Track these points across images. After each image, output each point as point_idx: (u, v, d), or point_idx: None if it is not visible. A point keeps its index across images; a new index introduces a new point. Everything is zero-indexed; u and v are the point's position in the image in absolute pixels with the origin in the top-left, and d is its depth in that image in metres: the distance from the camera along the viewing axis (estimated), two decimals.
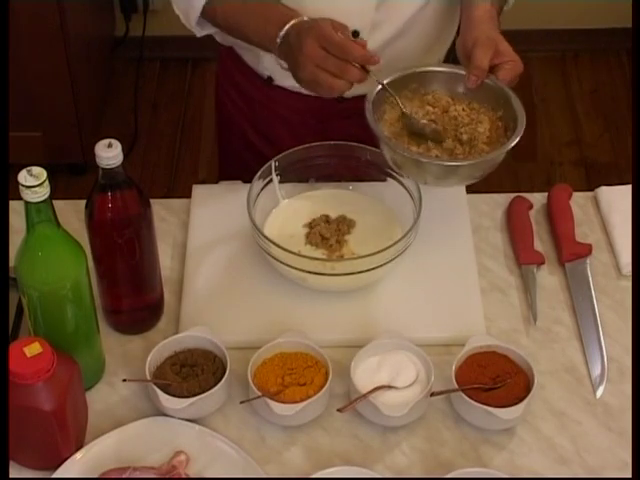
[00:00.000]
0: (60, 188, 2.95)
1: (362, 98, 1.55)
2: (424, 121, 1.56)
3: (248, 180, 1.64)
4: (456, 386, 1.44)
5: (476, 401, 1.42)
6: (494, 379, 1.45)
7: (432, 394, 1.44)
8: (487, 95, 1.58)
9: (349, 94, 1.63)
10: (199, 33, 1.72)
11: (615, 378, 1.52)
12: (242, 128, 1.92)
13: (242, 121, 1.91)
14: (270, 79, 1.81)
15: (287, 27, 1.55)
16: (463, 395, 1.43)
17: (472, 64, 1.55)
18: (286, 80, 1.74)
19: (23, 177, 1.28)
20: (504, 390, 1.44)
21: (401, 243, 1.54)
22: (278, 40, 1.55)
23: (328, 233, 1.62)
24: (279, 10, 1.59)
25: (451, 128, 1.56)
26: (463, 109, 1.58)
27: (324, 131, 1.79)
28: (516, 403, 1.42)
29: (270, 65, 1.78)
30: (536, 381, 1.44)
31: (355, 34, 1.68)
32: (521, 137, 1.52)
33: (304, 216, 1.66)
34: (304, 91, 1.61)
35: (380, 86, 1.55)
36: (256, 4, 1.62)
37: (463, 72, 1.57)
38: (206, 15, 1.67)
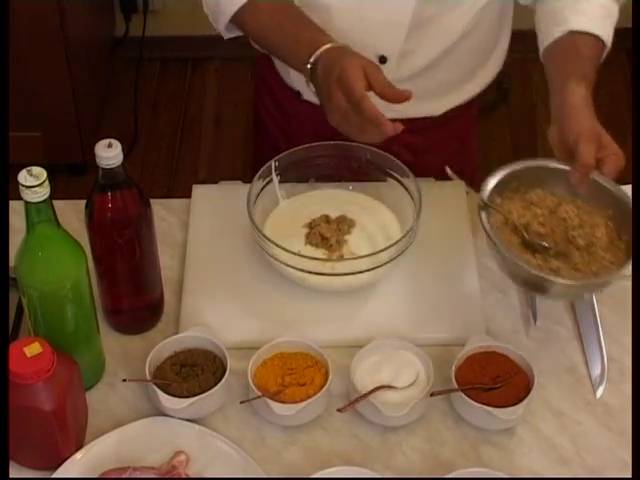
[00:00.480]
0: (60, 188, 2.95)
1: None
2: (543, 243, 1.47)
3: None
4: (456, 386, 1.44)
5: (476, 401, 1.42)
6: (494, 379, 1.45)
7: (432, 394, 1.44)
8: (594, 193, 1.49)
9: None
10: (226, 36, 1.68)
11: (615, 378, 1.52)
12: (275, 137, 1.91)
13: (276, 131, 1.91)
14: (299, 93, 1.80)
15: (317, 53, 1.49)
16: (463, 395, 1.43)
17: (578, 162, 1.45)
18: (314, 96, 1.64)
19: (23, 177, 1.28)
20: (504, 390, 1.44)
21: (401, 243, 1.54)
22: (308, 66, 1.50)
23: (328, 233, 1.62)
24: (311, 32, 1.53)
25: (560, 230, 1.48)
26: (572, 209, 1.50)
27: None
28: (516, 403, 1.42)
29: (298, 81, 1.76)
30: (536, 381, 1.44)
31: (382, 60, 1.66)
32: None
33: (304, 216, 1.66)
34: None
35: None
36: (288, 22, 1.56)
37: (565, 167, 1.48)
38: (235, 22, 1.63)
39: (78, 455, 1.40)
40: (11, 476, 1.40)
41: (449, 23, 1.67)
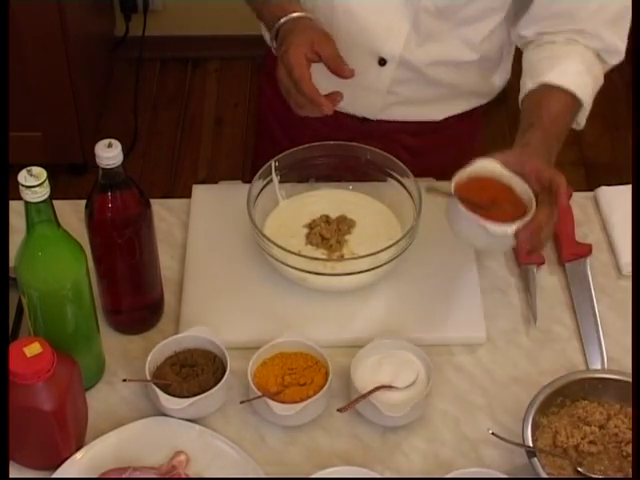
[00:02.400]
0: (60, 188, 2.95)
1: (383, 122, 1.52)
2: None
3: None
4: (452, 193, 1.43)
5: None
6: (492, 201, 1.44)
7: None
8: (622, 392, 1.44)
9: (371, 117, 1.68)
10: None
11: None
12: (277, 135, 1.91)
13: (278, 129, 1.91)
14: None
15: (278, 24, 1.56)
16: (459, 204, 1.42)
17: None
18: None
19: (23, 177, 1.28)
20: (500, 211, 1.42)
21: (401, 243, 1.54)
22: (274, 42, 1.57)
23: (328, 233, 1.62)
24: (275, 7, 1.59)
25: (612, 446, 1.41)
26: (622, 421, 1.42)
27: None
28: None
29: None
30: (533, 208, 1.41)
31: (382, 62, 1.68)
32: None
33: (304, 216, 1.66)
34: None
35: None
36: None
37: (612, 377, 1.45)
38: None
39: (78, 455, 1.40)
40: (11, 476, 1.40)
41: (450, 42, 1.67)
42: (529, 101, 1.61)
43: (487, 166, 1.47)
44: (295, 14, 1.56)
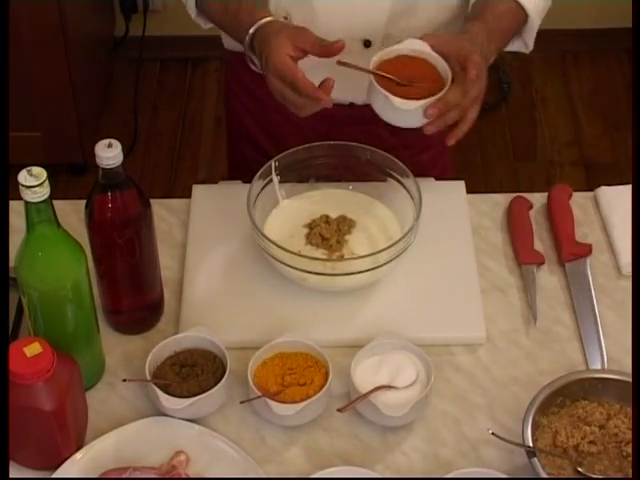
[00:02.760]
0: (60, 188, 2.95)
1: (369, 105, 1.54)
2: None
3: (249, 180, 1.64)
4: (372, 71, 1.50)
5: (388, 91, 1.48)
6: (412, 79, 1.50)
7: None
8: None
9: (358, 101, 1.69)
10: (204, 26, 1.73)
11: None
12: (252, 132, 1.91)
13: (253, 125, 1.91)
14: None
15: (250, 33, 1.56)
16: (374, 82, 1.48)
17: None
18: None
19: (23, 177, 1.28)
20: (417, 89, 1.49)
21: (401, 243, 1.54)
22: (246, 46, 1.57)
23: (328, 233, 1.62)
24: (245, 12, 1.59)
25: (612, 446, 1.40)
26: (622, 421, 1.42)
27: (333, 136, 1.79)
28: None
29: None
30: (447, 87, 1.48)
31: (367, 43, 1.69)
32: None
33: (304, 216, 1.66)
34: None
35: None
36: (233, 6, 1.62)
37: (612, 377, 1.45)
38: (201, 12, 1.69)
39: (78, 455, 1.40)
40: (11, 476, 1.40)
41: (429, 12, 1.69)
42: (476, 4, 1.65)
43: (415, 45, 1.54)
44: (263, 20, 1.56)
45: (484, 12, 1.60)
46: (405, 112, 1.49)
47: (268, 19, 1.56)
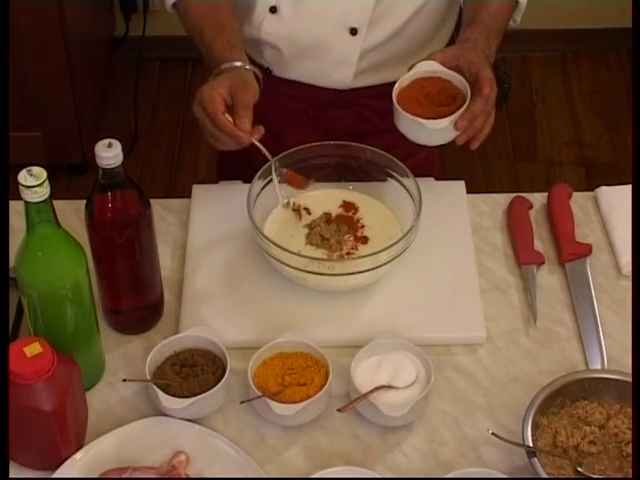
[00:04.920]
0: (60, 188, 2.95)
1: (357, 90, 1.57)
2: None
3: (247, 177, 1.64)
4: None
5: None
6: (432, 98, 1.59)
7: None
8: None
9: (344, 87, 1.75)
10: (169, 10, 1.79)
11: None
12: None
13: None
14: (269, 70, 1.83)
15: (216, 70, 1.62)
16: (398, 107, 1.56)
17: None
18: (284, 71, 1.81)
19: (23, 177, 1.28)
20: (440, 107, 1.58)
21: (401, 243, 1.54)
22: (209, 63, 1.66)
23: (328, 233, 1.62)
24: (220, 49, 1.66)
25: (612, 446, 1.40)
26: (622, 421, 1.41)
27: (322, 120, 1.84)
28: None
29: (269, 57, 1.82)
30: (468, 99, 1.55)
31: (353, 32, 1.73)
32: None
33: (304, 216, 1.66)
34: (302, 80, 1.73)
35: None
36: (208, 31, 1.72)
37: (612, 377, 1.44)
38: (177, 10, 1.78)
39: (78, 455, 1.40)
40: (11, 476, 1.40)
41: None
42: (470, 6, 1.73)
43: (427, 66, 1.61)
44: (237, 63, 1.62)
45: (480, 14, 1.67)
46: (437, 131, 1.58)
47: (239, 64, 1.62)
